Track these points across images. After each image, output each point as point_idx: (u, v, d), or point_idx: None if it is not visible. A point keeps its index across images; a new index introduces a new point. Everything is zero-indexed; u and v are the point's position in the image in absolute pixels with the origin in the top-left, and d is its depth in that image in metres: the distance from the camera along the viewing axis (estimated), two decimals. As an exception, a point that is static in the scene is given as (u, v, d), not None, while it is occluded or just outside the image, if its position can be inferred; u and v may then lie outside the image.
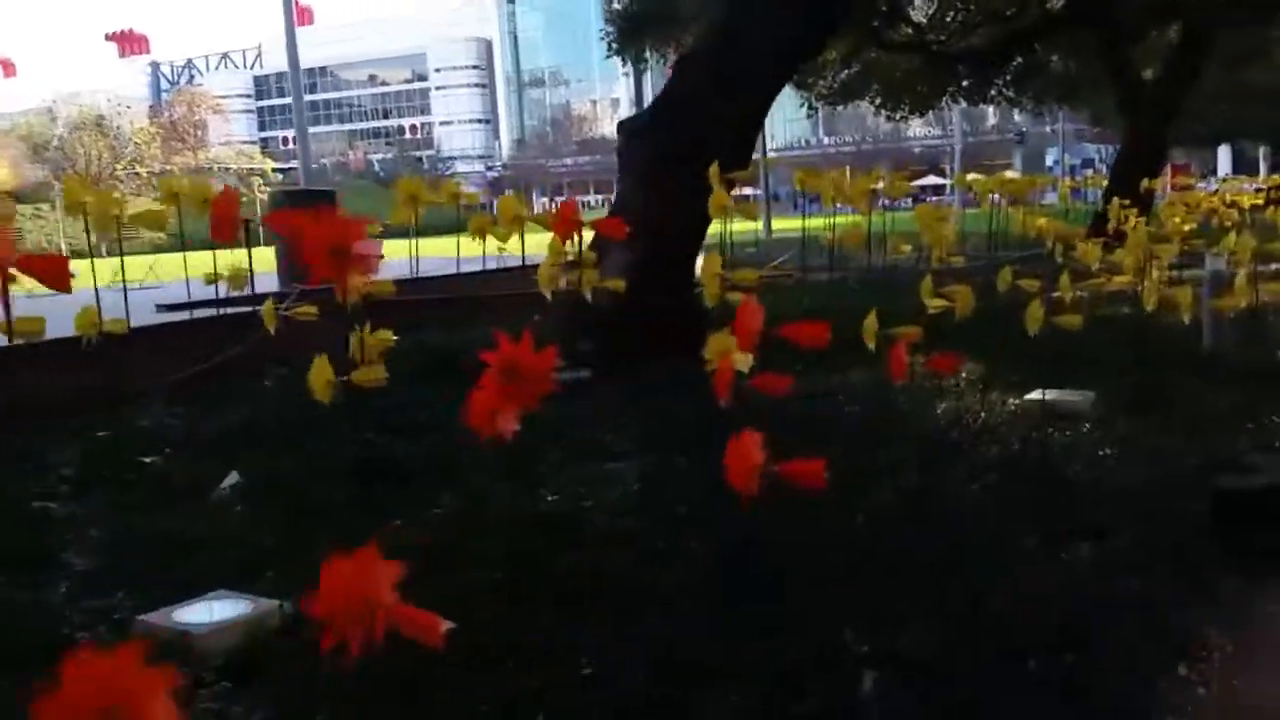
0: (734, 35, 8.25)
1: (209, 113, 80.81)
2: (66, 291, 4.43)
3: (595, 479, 5.14)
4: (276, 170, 74.16)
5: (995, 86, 24.41)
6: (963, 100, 26.14)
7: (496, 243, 9.06)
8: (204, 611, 3.65)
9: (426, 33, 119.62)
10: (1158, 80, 21.73)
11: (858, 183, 7.36)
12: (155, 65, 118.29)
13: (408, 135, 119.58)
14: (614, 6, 21.38)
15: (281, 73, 74.56)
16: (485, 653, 3.30)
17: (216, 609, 3.66)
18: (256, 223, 6.86)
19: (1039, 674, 3.09)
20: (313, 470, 5.40)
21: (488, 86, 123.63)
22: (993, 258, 11.80)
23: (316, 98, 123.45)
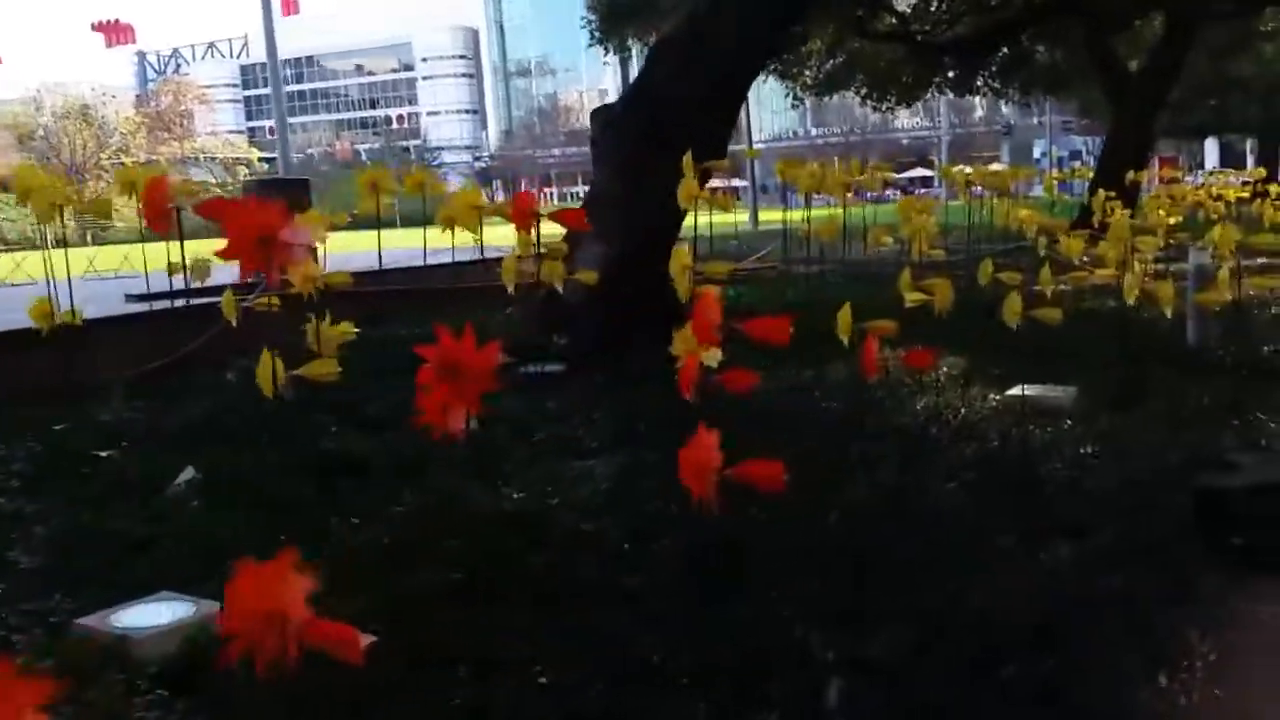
0: (704, 21, 8.11)
1: (195, 102, 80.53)
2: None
3: (564, 476, 4.99)
4: (263, 159, 73.95)
5: (981, 77, 24.31)
6: (949, 91, 26.03)
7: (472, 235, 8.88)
8: (145, 614, 3.49)
9: (412, 21, 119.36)
10: (1143, 71, 21.63)
11: (831, 174, 7.20)
12: (142, 55, 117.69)
13: (394, 125, 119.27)
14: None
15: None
16: (439, 657, 3.17)
17: (158, 612, 3.49)
18: (189, 212, 6.63)
19: (1015, 677, 2.97)
20: (273, 466, 5.25)
21: (474, 76, 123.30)
22: (975, 250, 11.68)
23: (303, 87, 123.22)
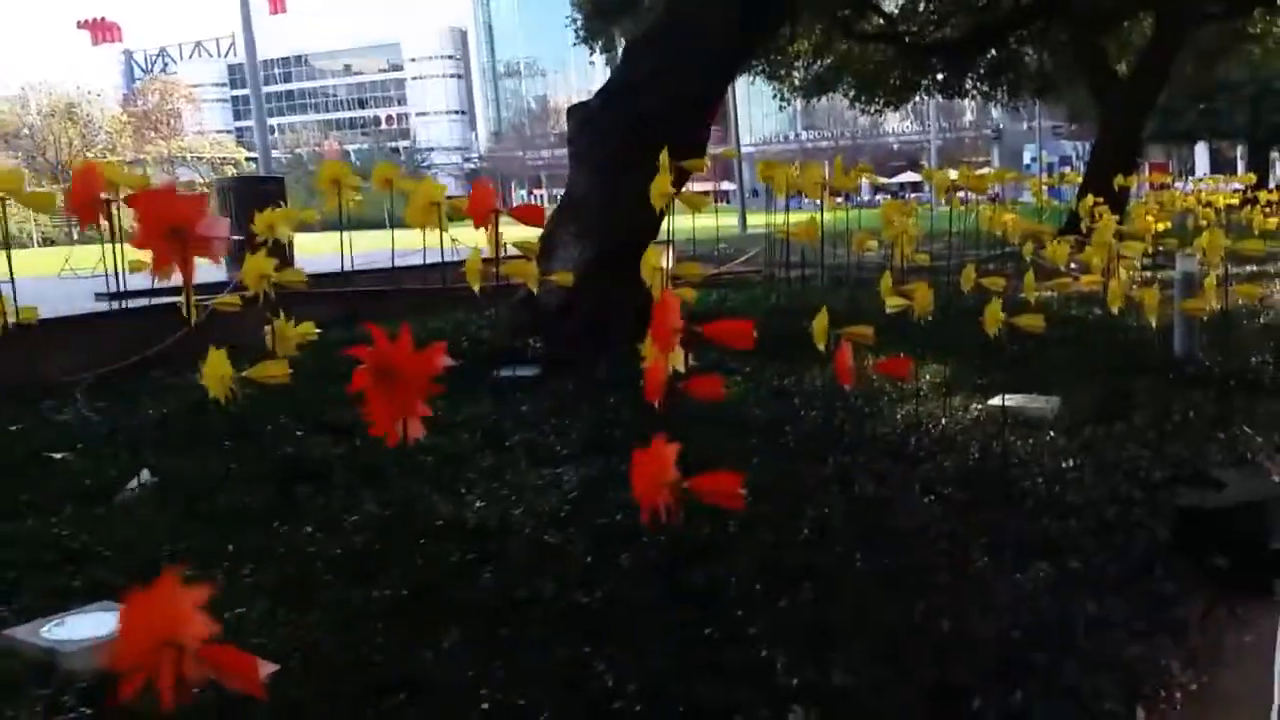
0: (678, 19, 7.96)
1: (182, 101, 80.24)
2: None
3: (529, 485, 4.82)
4: (250, 159, 73.59)
5: (969, 79, 24.17)
6: (937, 94, 25.90)
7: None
8: (78, 627, 3.32)
9: (401, 21, 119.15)
10: (1131, 74, 21.52)
11: (808, 175, 7.06)
12: (128, 53, 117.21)
13: (383, 126, 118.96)
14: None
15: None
16: (378, 683, 3.01)
17: (93, 624, 3.32)
18: (119, 203, 6.41)
19: (981, 710, 2.81)
20: (229, 470, 5.08)
21: (463, 77, 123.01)
22: (961, 256, 11.54)
23: (292, 87, 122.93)
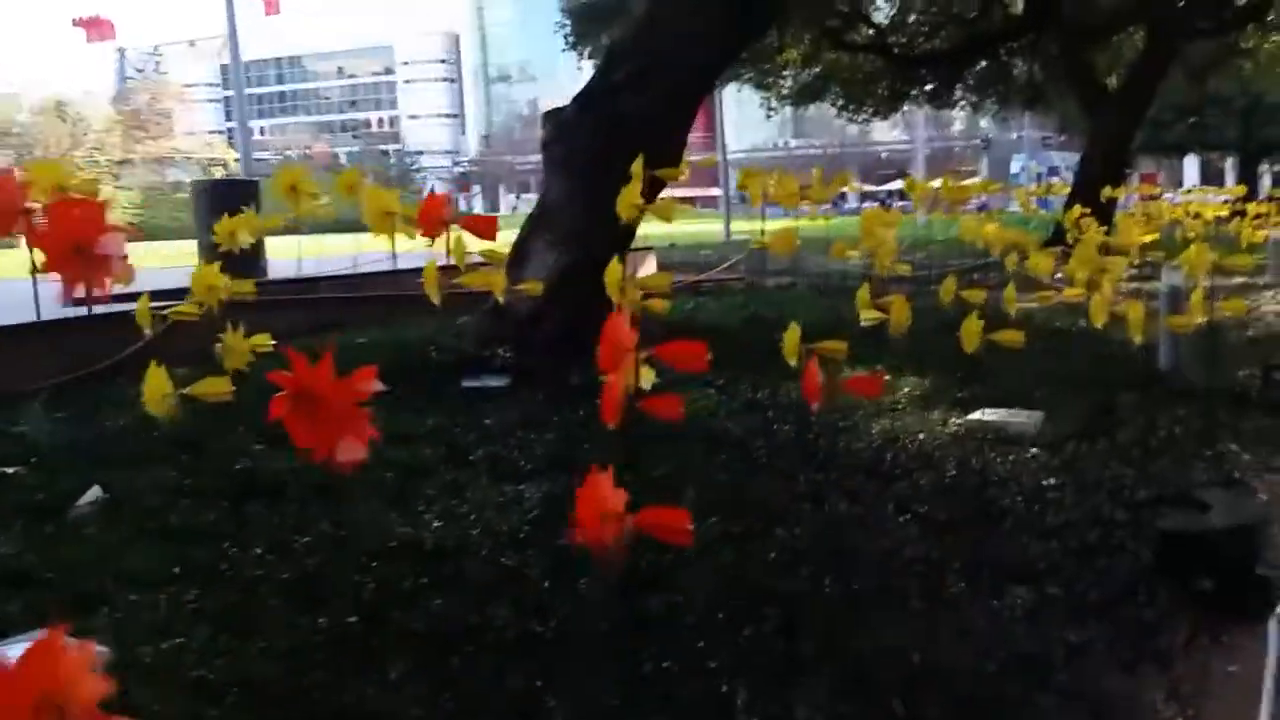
0: (656, 25, 7.82)
1: (174, 101, 79.86)
2: None
3: (490, 502, 4.66)
4: (239, 160, 73.29)
5: (959, 90, 24.11)
6: (926, 104, 25.84)
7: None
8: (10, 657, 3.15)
9: (394, 24, 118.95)
10: (1122, 88, 21.46)
11: (783, 184, 6.92)
12: (122, 52, 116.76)
13: (373, 128, 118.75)
14: (571, -1, 20.96)
15: (250, 61, 73.71)
16: (319, 716, 2.86)
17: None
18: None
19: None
20: (183, 486, 4.92)
21: (455, 81, 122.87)
22: (943, 266, 11.40)
23: (284, 88, 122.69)
